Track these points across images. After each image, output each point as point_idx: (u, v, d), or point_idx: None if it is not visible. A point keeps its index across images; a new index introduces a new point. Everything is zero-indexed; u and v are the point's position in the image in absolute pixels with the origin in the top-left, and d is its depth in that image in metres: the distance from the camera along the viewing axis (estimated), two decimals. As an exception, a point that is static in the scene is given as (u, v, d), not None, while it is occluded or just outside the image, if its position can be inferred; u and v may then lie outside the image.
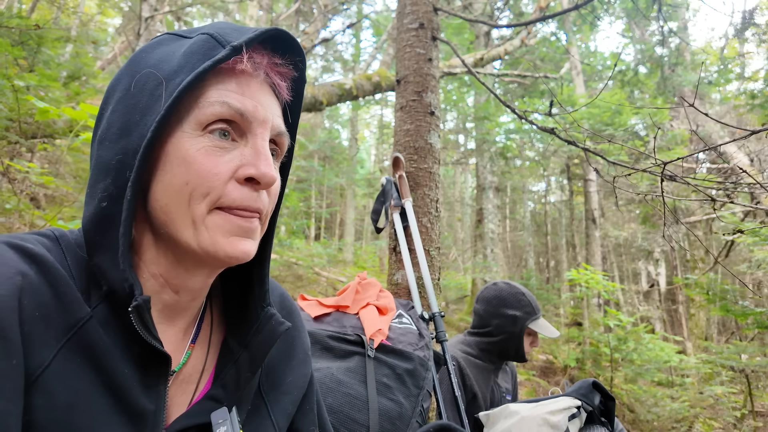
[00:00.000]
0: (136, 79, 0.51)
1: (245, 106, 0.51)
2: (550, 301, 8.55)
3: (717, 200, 1.28)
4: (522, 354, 1.81)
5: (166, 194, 0.50)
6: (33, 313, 0.43)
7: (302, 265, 8.12)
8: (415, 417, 1.13)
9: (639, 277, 14.26)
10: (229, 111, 0.50)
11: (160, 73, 0.50)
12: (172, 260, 0.53)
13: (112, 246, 0.48)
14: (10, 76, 2.76)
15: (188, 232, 0.50)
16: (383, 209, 1.96)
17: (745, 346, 5.34)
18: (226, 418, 0.55)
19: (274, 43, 0.55)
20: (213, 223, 0.50)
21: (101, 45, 9.17)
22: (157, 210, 0.51)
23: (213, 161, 0.49)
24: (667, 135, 7.55)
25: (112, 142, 0.50)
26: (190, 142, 0.49)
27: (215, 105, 0.49)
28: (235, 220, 0.50)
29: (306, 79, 0.60)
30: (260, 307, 0.61)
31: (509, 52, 7.94)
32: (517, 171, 11.39)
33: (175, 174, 0.49)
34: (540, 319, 1.82)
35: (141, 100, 0.50)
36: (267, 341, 0.60)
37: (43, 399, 0.42)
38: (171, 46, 0.54)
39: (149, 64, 0.52)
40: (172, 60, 0.51)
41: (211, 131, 0.50)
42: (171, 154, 0.49)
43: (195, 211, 0.49)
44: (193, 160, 0.49)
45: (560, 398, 1.25)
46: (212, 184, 0.49)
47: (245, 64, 0.51)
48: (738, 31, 8.26)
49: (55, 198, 4.60)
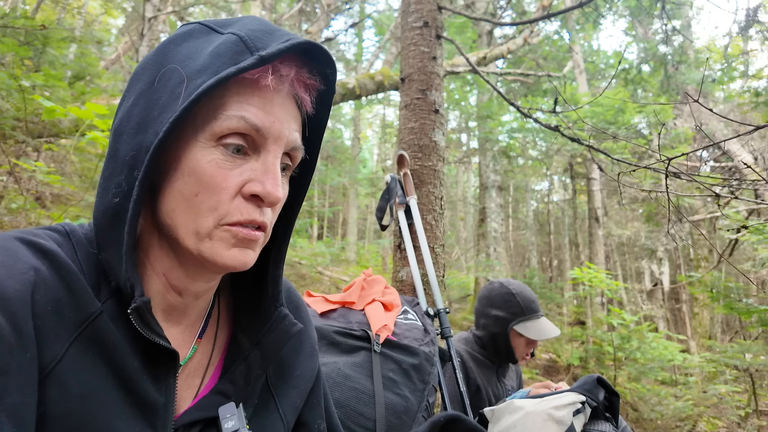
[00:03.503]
0: (161, 74, 0.51)
1: (263, 122, 0.50)
2: (553, 300, 8.54)
3: (721, 196, 1.28)
4: (512, 355, 1.78)
5: (174, 200, 0.50)
6: (45, 308, 0.44)
7: (305, 264, 8.13)
8: (420, 411, 1.14)
9: (642, 276, 14.21)
10: (246, 126, 0.49)
11: (185, 71, 0.49)
12: (174, 262, 0.54)
13: (121, 242, 0.49)
14: (17, 75, 2.78)
15: (191, 239, 0.50)
16: (388, 207, 1.97)
17: (749, 344, 5.33)
18: (233, 413, 0.55)
19: (305, 54, 0.53)
20: (217, 237, 0.50)
21: (105, 45, 9.20)
22: (164, 213, 0.51)
23: (223, 175, 0.49)
24: (670, 133, 7.52)
25: (130, 136, 0.50)
26: (202, 152, 0.49)
27: (233, 119, 0.49)
28: (239, 233, 0.50)
29: (335, 90, 0.58)
30: (273, 307, 0.62)
31: (512, 51, 7.92)
32: (520, 170, 11.37)
33: (185, 182, 0.49)
34: (531, 321, 1.74)
35: (162, 97, 0.49)
36: (279, 341, 0.61)
37: (57, 392, 0.43)
38: (200, 41, 0.52)
39: (176, 58, 0.51)
40: (198, 58, 0.50)
41: (224, 144, 0.49)
42: (183, 161, 0.49)
43: (202, 224, 0.49)
44: (203, 172, 0.49)
45: (565, 394, 1.25)
46: (220, 198, 0.49)
47: (270, 78, 0.50)
48: (742, 28, 8.22)
49: (60, 197, 4.63)
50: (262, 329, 0.61)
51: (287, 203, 0.61)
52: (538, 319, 1.76)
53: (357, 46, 14.35)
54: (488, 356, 1.84)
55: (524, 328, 1.72)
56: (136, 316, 0.48)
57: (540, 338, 1.71)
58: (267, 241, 0.57)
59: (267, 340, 0.60)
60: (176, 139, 0.50)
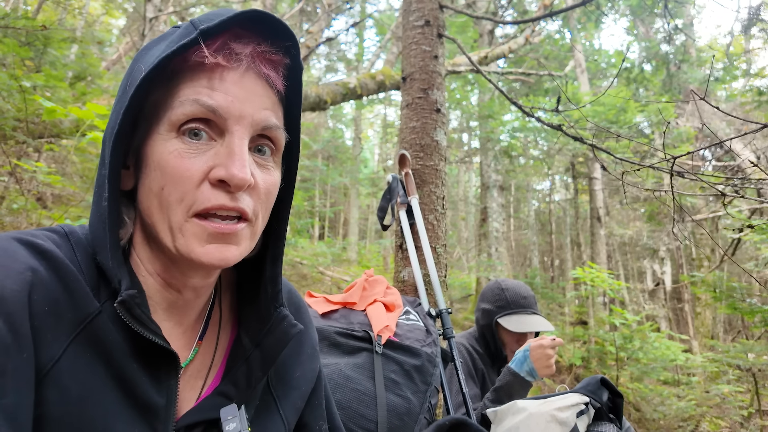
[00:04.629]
0: (132, 76, 0.50)
1: (218, 102, 0.47)
2: (555, 300, 8.52)
3: (726, 195, 1.27)
4: (499, 350, 1.80)
5: (147, 198, 0.50)
6: (43, 308, 0.44)
7: (307, 264, 8.13)
8: (422, 413, 1.13)
9: (644, 276, 14.18)
10: (201, 109, 0.47)
11: (144, 65, 0.49)
12: (165, 261, 0.54)
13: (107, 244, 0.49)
14: (18, 76, 2.78)
15: (167, 236, 0.49)
16: (389, 207, 1.96)
17: (752, 344, 5.30)
18: (235, 414, 0.55)
19: (257, 26, 0.50)
20: (189, 231, 0.48)
21: (106, 46, 9.21)
22: (143, 212, 0.51)
23: (185, 164, 0.48)
24: (672, 133, 7.50)
25: (107, 141, 0.50)
26: (164, 144, 0.48)
27: (186, 104, 0.47)
28: (211, 227, 0.48)
29: (302, 65, 0.55)
30: (273, 307, 0.61)
31: (513, 51, 7.91)
32: (522, 169, 11.35)
33: (152, 178, 0.49)
34: (517, 315, 1.76)
35: (126, 96, 0.49)
36: (279, 342, 0.60)
37: (55, 393, 0.43)
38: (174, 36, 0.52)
39: (144, 58, 0.51)
40: (156, 51, 0.50)
41: (184, 132, 0.48)
42: (149, 158, 0.49)
43: (172, 218, 0.48)
44: (166, 163, 0.48)
45: (568, 395, 1.25)
46: (185, 188, 0.47)
47: (213, 54, 0.47)
48: (744, 27, 8.20)
49: (61, 198, 4.63)
50: (262, 330, 0.60)
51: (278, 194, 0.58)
52: (526, 315, 1.77)
53: (358, 46, 14.34)
54: (484, 353, 1.86)
55: (507, 321, 1.75)
56: (123, 310, 0.47)
57: (519, 330, 1.73)
58: (258, 233, 0.55)
59: (267, 342, 0.59)
60: (143, 137, 0.50)
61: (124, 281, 0.48)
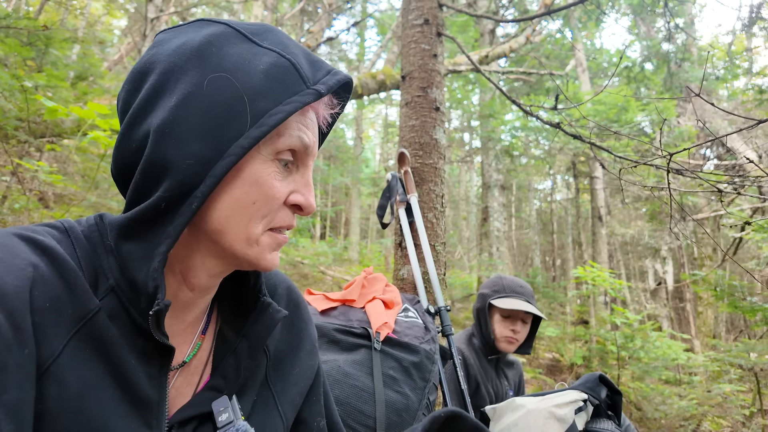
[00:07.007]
0: (209, 79, 0.49)
1: (310, 141, 0.56)
2: (556, 299, 8.52)
3: (725, 192, 1.27)
4: (488, 331, 1.84)
5: (230, 207, 0.51)
6: (44, 304, 0.44)
7: (308, 263, 8.14)
8: (421, 409, 1.14)
9: (646, 275, 14.16)
10: (300, 145, 0.55)
11: (240, 85, 0.50)
12: (198, 261, 0.55)
13: (153, 241, 0.49)
14: (19, 76, 2.79)
15: (240, 245, 0.53)
16: (389, 205, 1.97)
17: (754, 344, 5.28)
18: (227, 406, 0.56)
19: None
20: (264, 242, 0.54)
21: (108, 46, 9.24)
22: (214, 219, 0.51)
23: (277, 185, 0.54)
24: (673, 132, 7.49)
25: (182, 142, 0.48)
26: (264, 165, 0.52)
27: (293, 138, 0.54)
28: (279, 239, 0.56)
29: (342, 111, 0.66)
30: (256, 298, 0.63)
31: (514, 50, 7.90)
32: (523, 169, 11.34)
33: (246, 191, 0.52)
34: (510, 298, 1.81)
35: (215, 108, 0.49)
36: (266, 329, 0.61)
37: (55, 388, 0.43)
38: (242, 50, 0.52)
39: (223, 66, 0.50)
40: (251, 74, 0.51)
41: (279, 158, 0.54)
42: (245, 172, 0.51)
43: (252, 230, 0.53)
44: (264, 182, 0.52)
45: (567, 392, 1.25)
46: (272, 207, 0.54)
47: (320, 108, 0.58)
48: (745, 26, 8.17)
49: (63, 197, 4.65)
50: (247, 320, 0.62)
51: None
52: (519, 300, 1.81)
53: (359, 46, 14.35)
54: (483, 348, 1.89)
55: (499, 302, 1.80)
56: (153, 319, 0.49)
57: (507, 307, 1.77)
58: None
59: (253, 330, 0.61)
60: None
61: (161, 289, 0.48)
